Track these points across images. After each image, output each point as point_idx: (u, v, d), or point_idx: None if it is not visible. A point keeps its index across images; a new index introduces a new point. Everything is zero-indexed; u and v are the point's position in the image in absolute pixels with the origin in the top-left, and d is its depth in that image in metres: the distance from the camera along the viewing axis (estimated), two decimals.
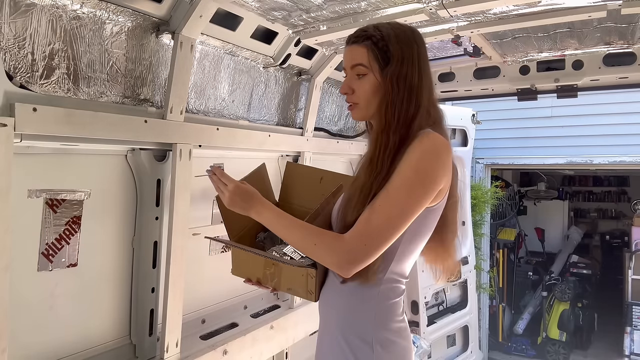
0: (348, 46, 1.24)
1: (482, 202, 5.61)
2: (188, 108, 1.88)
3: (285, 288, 1.33)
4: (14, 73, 1.32)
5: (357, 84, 1.21)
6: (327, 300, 1.26)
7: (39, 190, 1.44)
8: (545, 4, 1.73)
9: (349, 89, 1.22)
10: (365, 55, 1.18)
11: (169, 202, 1.78)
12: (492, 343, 6.43)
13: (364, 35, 1.20)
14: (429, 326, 3.75)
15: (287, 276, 1.30)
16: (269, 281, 1.32)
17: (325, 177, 1.56)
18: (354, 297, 1.19)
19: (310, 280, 1.25)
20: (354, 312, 1.19)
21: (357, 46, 1.20)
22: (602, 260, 8.33)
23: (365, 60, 1.18)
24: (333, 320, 1.23)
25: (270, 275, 1.31)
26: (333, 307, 1.24)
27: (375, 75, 1.18)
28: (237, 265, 1.39)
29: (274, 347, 2.30)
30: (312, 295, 1.27)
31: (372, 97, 1.20)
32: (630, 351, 5.28)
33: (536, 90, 2.60)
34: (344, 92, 1.24)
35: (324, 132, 2.77)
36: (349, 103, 1.25)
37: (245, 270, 1.37)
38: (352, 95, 1.22)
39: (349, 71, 1.23)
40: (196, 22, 1.67)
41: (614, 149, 5.64)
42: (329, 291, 1.26)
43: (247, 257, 1.35)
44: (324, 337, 1.28)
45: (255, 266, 1.33)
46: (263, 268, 1.32)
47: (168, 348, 1.76)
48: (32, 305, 1.46)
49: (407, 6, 1.78)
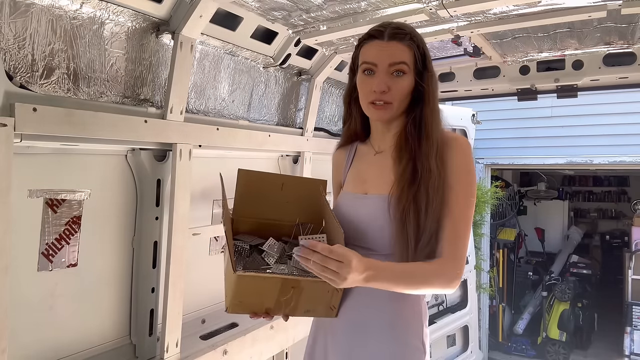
0: (383, 41, 1.15)
1: (482, 202, 5.61)
2: (188, 108, 1.88)
3: (302, 311, 1.14)
4: (14, 73, 1.32)
5: (393, 83, 1.15)
6: (367, 305, 1.17)
7: (39, 190, 1.44)
8: (545, 4, 1.73)
9: (387, 87, 1.14)
10: (409, 54, 1.15)
11: (169, 202, 1.78)
12: (492, 343, 6.42)
13: (406, 34, 1.16)
14: (429, 326, 3.75)
15: (307, 296, 1.12)
16: (282, 309, 1.12)
17: (286, 182, 1.36)
18: (401, 299, 1.16)
19: (335, 294, 1.14)
20: (404, 313, 1.17)
21: (399, 44, 1.15)
22: (602, 260, 8.33)
23: (409, 60, 1.15)
24: (378, 325, 1.16)
25: (285, 301, 1.10)
26: (377, 311, 1.17)
27: (413, 76, 1.17)
28: (239, 298, 1.10)
29: (274, 347, 2.30)
30: (333, 312, 1.17)
31: (406, 99, 1.18)
32: (630, 351, 5.28)
33: (536, 90, 2.60)
34: (382, 90, 1.14)
35: (324, 132, 2.77)
36: (381, 102, 1.15)
37: (250, 303, 1.11)
38: (387, 93, 1.15)
39: (384, 68, 1.15)
40: (196, 22, 1.67)
41: (614, 149, 5.64)
42: (366, 296, 1.16)
43: (258, 286, 1.09)
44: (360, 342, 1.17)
45: (268, 294, 1.09)
46: (278, 294, 1.09)
47: (168, 348, 1.76)
48: (32, 305, 1.46)
49: (407, 6, 1.78)
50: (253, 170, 1.31)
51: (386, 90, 1.14)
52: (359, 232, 1.18)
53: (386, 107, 1.16)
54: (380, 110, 1.17)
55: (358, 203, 1.23)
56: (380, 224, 1.16)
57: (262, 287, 1.09)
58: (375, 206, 1.17)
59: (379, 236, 1.16)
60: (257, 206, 1.33)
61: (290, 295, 1.10)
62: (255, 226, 1.33)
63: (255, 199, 1.32)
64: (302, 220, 1.31)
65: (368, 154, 1.30)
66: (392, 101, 1.16)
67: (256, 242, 1.29)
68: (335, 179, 1.43)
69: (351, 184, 1.32)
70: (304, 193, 1.33)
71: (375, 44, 1.17)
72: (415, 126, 1.17)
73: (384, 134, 1.26)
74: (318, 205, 1.31)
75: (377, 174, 1.23)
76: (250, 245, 1.28)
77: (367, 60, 1.17)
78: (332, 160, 1.44)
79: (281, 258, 1.24)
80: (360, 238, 1.18)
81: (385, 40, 1.15)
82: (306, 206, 1.32)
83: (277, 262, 1.22)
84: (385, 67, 1.15)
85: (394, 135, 1.23)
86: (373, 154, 1.29)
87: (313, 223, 1.31)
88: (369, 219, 1.18)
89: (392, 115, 1.19)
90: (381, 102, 1.16)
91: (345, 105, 1.34)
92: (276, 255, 1.24)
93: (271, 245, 1.25)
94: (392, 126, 1.24)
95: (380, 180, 1.21)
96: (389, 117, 1.19)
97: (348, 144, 1.38)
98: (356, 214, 1.21)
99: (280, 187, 1.33)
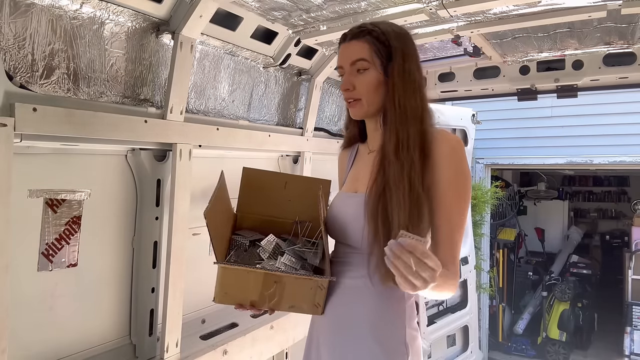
0: (345, 43, 1.21)
1: (482, 202, 5.60)
2: (188, 108, 1.88)
3: (286, 306, 1.18)
4: (14, 73, 1.32)
5: (358, 80, 1.18)
6: (349, 304, 1.19)
7: (39, 190, 1.44)
8: (545, 4, 1.73)
9: (350, 85, 1.19)
10: (367, 49, 1.17)
11: (169, 202, 1.78)
12: (492, 343, 6.42)
13: (363, 30, 1.19)
14: (429, 326, 3.75)
15: (291, 292, 1.16)
16: (266, 302, 1.16)
17: (289, 181, 1.42)
18: (383, 299, 1.16)
19: (319, 292, 1.16)
20: (386, 314, 1.17)
21: (356, 41, 1.18)
22: (602, 260, 8.32)
23: (367, 55, 1.17)
24: (360, 324, 1.17)
25: (269, 295, 1.15)
26: (359, 310, 1.18)
27: (378, 70, 1.17)
28: (224, 289, 1.15)
29: (274, 347, 2.30)
30: (318, 309, 1.18)
31: (374, 93, 1.18)
32: (630, 351, 5.28)
33: (536, 90, 2.60)
34: (345, 88, 1.19)
35: (324, 132, 2.77)
36: (349, 100, 1.21)
37: (235, 295, 1.16)
38: (353, 91, 1.19)
39: (348, 68, 1.20)
40: (196, 22, 1.67)
41: (614, 149, 5.64)
42: (350, 294, 1.19)
43: (242, 278, 1.15)
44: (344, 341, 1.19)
45: (251, 287, 1.14)
46: (261, 288, 1.14)
47: (168, 348, 1.76)
48: (32, 305, 1.46)
49: (407, 6, 1.78)
50: (257, 169, 1.37)
51: (350, 88, 1.19)
52: (343, 230, 1.22)
53: (356, 103, 1.20)
54: (352, 108, 1.22)
55: (346, 201, 1.26)
56: (359, 222, 1.17)
57: (245, 279, 1.14)
58: (357, 204, 1.18)
59: (359, 234, 1.17)
60: (260, 203, 1.39)
61: (273, 289, 1.14)
62: (258, 223, 1.37)
63: (259, 196, 1.38)
64: (302, 218, 1.35)
65: (364, 154, 1.33)
66: (360, 97, 1.19)
67: (255, 237, 1.33)
68: (340, 180, 1.46)
69: (347, 184, 1.34)
70: (305, 192, 1.37)
71: (341, 48, 1.23)
72: (385, 120, 1.19)
73: (374, 133, 1.28)
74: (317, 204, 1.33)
75: (367, 172, 1.24)
76: (250, 241, 1.32)
77: (337, 65, 1.24)
78: (338, 161, 1.48)
79: (274, 254, 1.26)
80: (344, 236, 1.22)
81: (346, 42, 1.21)
82: (307, 205, 1.35)
83: (269, 258, 1.26)
84: (348, 67, 1.20)
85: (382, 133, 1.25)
86: (367, 153, 1.31)
87: (313, 222, 1.34)
88: (351, 217, 1.20)
89: (364, 111, 1.21)
90: (351, 100, 1.21)
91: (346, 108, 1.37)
92: (270, 251, 1.27)
93: (268, 242, 1.29)
94: (379, 123, 1.24)
95: (367, 178, 1.21)
96: (360, 113, 1.22)
97: (350, 145, 1.41)
98: (341, 212, 1.24)
99: (283, 185, 1.39)
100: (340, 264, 1.23)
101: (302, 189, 1.39)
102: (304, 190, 1.37)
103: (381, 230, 1.09)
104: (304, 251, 1.27)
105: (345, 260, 1.23)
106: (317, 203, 1.31)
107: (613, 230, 8.89)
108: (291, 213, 1.37)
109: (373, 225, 1.11)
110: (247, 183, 1.37)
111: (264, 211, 1.39)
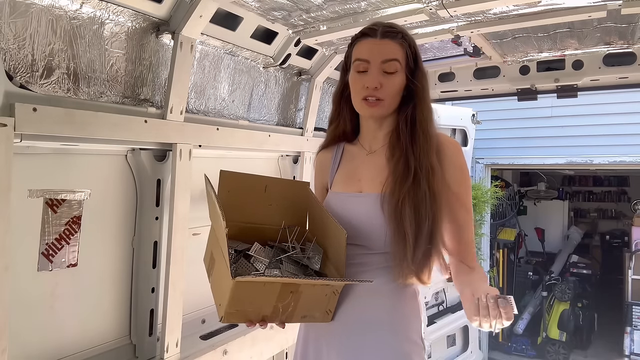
0: (376, 39, 1.17)
1: (482, 202, 5.60)
2: (188, 108, 1.88)
3: (299, 317, 1.11)
4: (14, 73, 1.32)
5: (386, 80, 1.15)
6: (365, 306, 1.16)
7: (39, 190, 1.44)
8: (545, 4, 1.73)
9: (379, 83, 1.15)
10: (401, 52, 1.17)
11: (169, 202, 1.78)
12: (492, 343, 6.42)
13: (398, 32, 1.18)
14: (429, 326, 3.76)
15: (306, 301, 1.08)
16: (279, 315, 1.07)
17: (270, 184, 1.30)
18: (400, 296, 1.17)
19: (332, 298, 1.12)
20: (404, 310, 1.17)
21: (392, 41, 1.16)
22: (602, 260, 8.33)
23: (401, 58, 1.17)
24: (380, 323, 1.15)
25: (283, 307, 1.06)
26: (377, 310, 1.16)
27: (404, 75, 1.18)
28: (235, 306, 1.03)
29: (274, 347, 2.30)
30: (329, 316, 1.14)
31: (397, 97, 1.19)
32: (630, 351, 5.28)
33: (536, 90, 2.60)
34: (374, 86, 1.14)
35: (324, 132, 2.77)
36: (373, 98, 1.16)
37: (246, 311, 1.05)
38: (380, 90, 1.15)
39: (377, 64, 1.15)
40: (196, 22, 1.67)
41: (614, 149, 5.64)
42: (365, 296, 1.16)
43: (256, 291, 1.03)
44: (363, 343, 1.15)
45: (265, 300, 1.05)
46: (276, 300, 1.04)
47: (168, 348, 1.76)
48: (33, 305, 1.46)
49: (407, 6, 1.78)
50: (235, 172, 1.26)
51: (378, 87, 1.15)
52: (355, 230, 1.17)
53: (378, 103, 1.17)
54: (373, 107, 1.17)
55: (353, 201, 1.22)
56: (376, 222, 1.15)
57: (260, 292, 1.04)
58: (371, 204, 1.17)
59: (376, 235, 1.16)
60: (239, 209, 1.25)
61: (288, 300, 1.06)
62: (238, 230, 1.24)
63: (238, 202, 1.25)
64: (286, 223, 1.27)
65: (359, 154, 1.29)
66: (384, 98, 1.16)
67: (242, 247, 1.22)
68: (319, 181, 1.40)
69: (342, 184, 1.29)
70: (288, 195, 1.31)
71: (368, 42, 1.18)
72: (407, 124, 1.18)
73: (375, 133, 1.26)
74: (304, 207, 1.29)
75: (372, 172, 1.22)
76: (236, 251, 1.21)
77: (360, 57, 1.18)
78: (315, 162, 1.42)
79: (272, 263, 1.19)
80: (356, 236, 1.17)
81: (378, 38, 1.17)
82: (290, 209, 1.30)
83: (268, 267, 1.16)
84: (377, 63, 1.15)
85: (386, 135, 1.24)
86: (365, 154, 1.27)
87: (298, 226, 1.28)
88: (365, 217, 1.18)
89: (383, 112, 1.20)
90: (373, 99, 1.16)
91: (335, 104, 1.33)
92: (266, 260, 1.18)
93: (258, 250, 1.19)
94: (384, 125, 1.24)
95: (376, 179, 1.20)
96: (380, 113, 1.19)
97: (333, 145, 1.36)
98: (351, 213, 1.20)
99: (263, 189, 1.29)
100: (351, 265, 1.18)
101: (283, 191, 1.31)
102: (286, 193, 1.31)
103: (411, 232, 1.10)
104: (301, 257, 1.22)
105: (356, 262, 1.18)
106: (303, 206, 1.27)
107: (613, 230, 8.87)
108: (273, 218, 1.27)
109: (395, 225, 1.12)
110: (225, 187, 1.24)
111: (243, 218, 1.26)
